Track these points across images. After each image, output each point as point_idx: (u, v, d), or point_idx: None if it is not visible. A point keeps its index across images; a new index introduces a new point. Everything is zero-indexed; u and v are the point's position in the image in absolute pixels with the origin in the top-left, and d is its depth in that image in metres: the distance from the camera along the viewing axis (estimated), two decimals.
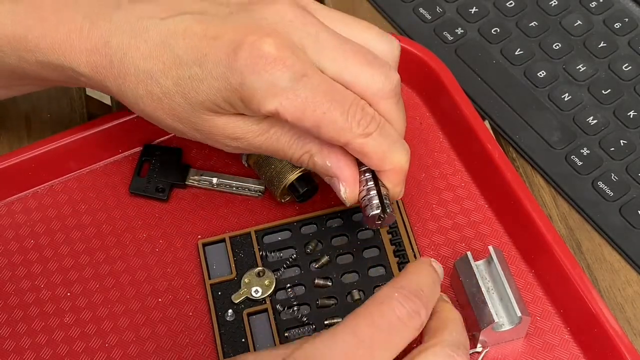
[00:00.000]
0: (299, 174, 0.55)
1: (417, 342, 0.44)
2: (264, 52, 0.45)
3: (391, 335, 0.41)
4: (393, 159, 0.48)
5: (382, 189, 0.49)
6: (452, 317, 0.45)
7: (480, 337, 0.51)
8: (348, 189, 0.49)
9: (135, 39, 0.48)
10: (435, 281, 0.45)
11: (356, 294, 0.54)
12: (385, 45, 0.49)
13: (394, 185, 0.49)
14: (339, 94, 0.46)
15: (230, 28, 0.46)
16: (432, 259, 0.47)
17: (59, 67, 0.50)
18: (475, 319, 0.51)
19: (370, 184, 0.49)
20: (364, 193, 0.50)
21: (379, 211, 0.49)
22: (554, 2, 0.68)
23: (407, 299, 0.43)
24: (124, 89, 0.49)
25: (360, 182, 0.50)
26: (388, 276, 0.55)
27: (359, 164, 0.50)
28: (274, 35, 0.46)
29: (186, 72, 0.47)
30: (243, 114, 0.48)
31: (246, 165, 0.59)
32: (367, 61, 0.47)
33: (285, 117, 0.46)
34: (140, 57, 0.48)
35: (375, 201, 0.49)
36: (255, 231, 0.57)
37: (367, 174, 0.50)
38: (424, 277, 0.45)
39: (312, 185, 0.57)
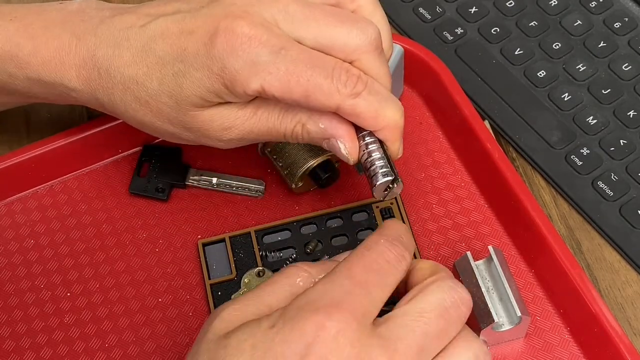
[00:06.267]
0: (321, 160, 0.56)
1: (404, 283, 0.46)
2: (239, 33, 0.46)
3: (383, 277, 0.43)
4: (386, 115, 0.48)
5: (382, 150, 0.48)
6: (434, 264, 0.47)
7: (480, 337, 0.51)
8: (347, 144, 0.49)
9: (118, 48, 0.50)
10: (408, 231, 0.47)
11: None
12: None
13: (392, 142, 0.49)
14: (320, 60, 0.47)
15: (203, 20, 0.48)
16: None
17: (50, 83, 0.52)
18: (475, 319, 0.51)
19: (372, 146, 0.48)
20: (365, 156, 0.49)
21: (386, 179, 0.48)
22: (554, 2, 0.68)
23: (392, 245, 0.45)
24: (114, 98, 0.51)
25: (360, 147, 0.49)
26: None
27: (356, 129, 0.49)
28: (245, 16, 0.47)
29: (169, 70, 0.48)
30: (228, 102, 0.49)
31: (261, 154, 0.59)
32: (339, 21, 0.48)
33: (272, 93, 0.46)
34: (124, 64, 0.50)
35: (381, 169, 0.48)
36: (255, 231, 0.57)
37: (366, 139, 0.49)
38: (400, 228, 0.47)
39: (334, 172, 0.57)
